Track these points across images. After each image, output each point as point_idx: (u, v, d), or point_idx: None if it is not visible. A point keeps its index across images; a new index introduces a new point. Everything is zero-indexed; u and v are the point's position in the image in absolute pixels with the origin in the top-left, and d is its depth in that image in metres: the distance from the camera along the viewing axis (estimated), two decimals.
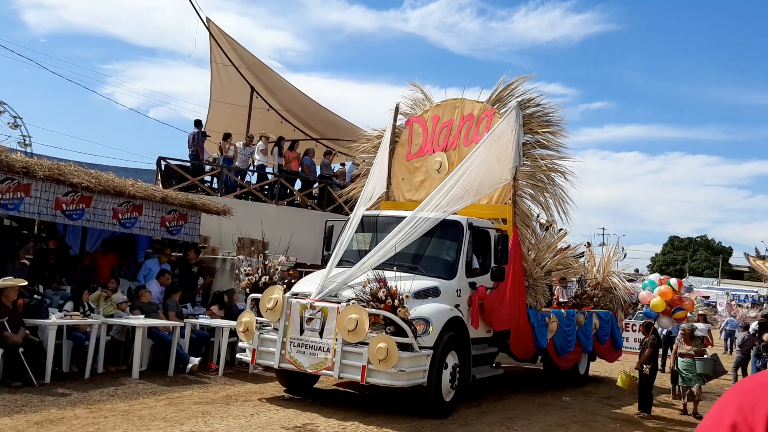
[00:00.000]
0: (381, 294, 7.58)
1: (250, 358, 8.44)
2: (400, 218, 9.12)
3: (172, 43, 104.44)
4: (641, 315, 14.99)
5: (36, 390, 7.75)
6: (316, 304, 8.01)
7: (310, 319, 8.00)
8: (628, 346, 16.30)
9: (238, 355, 8.75)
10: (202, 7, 17.28)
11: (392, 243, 8.62)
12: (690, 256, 78.16)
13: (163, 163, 15.52)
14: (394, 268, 7.86)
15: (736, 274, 70.27)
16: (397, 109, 11.12)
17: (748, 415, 1.08)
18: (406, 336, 7.59)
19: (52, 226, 11.76)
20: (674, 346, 10.39)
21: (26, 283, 8.57)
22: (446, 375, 8.21)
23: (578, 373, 12.37)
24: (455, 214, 9.27)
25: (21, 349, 7.94)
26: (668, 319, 11.53)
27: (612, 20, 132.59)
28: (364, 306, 7.67)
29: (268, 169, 17.21)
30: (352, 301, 7.80)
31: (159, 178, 15.31)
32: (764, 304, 28.64)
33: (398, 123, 11.14)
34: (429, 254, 9.18)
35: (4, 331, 7.93)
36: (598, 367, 14.40)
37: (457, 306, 8.65)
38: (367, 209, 9.93)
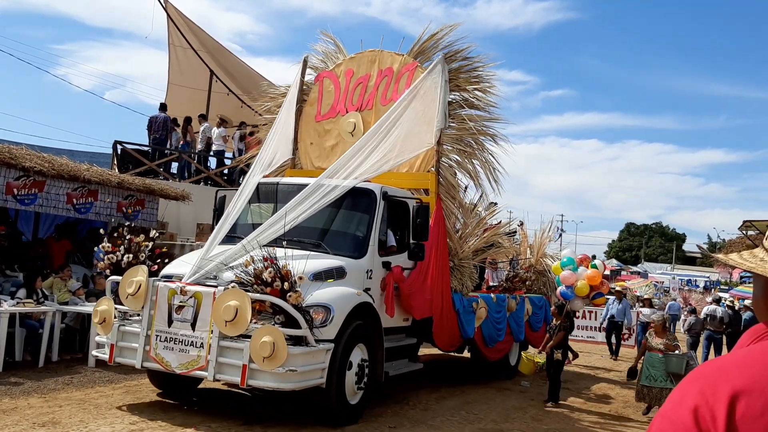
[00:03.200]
0: (267, 275, 6.05)
1: (107, 356, 6.77)
2: (304, 186, 7.61)
3: (128, 24, 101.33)
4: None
5: None
6: (188, 288, 6.41)
7: (180, 308, 6.40)
8: (573, 334, 15.35)
9: (93, 353, 7.06)
10: None
11: (291, 215, 7.11)
12: (645, 242, 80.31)
13: (119, 147, 15.15)
14: (284, 242, 6.34)
15: (689, 260, 72.50)
16: (305, 62, 9.54)
17: (709, 399, 1.09)
18: (299, 327, 6.11)
19: (3, 211, 11.12)
20: (643, 341, 9.24)
21: None
22: (351, 373, 6.79)
23: (508, 364, 11.18)
24: (368, 181, 7.82)
25: None
26: (582, 301, 10.55)
27: (573, 8, 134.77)
28: (247, 290, 6.14)
29: (228, 155, 16.69)
30: (232, 284, 6.24)
31: (115, 162, 14.87)
32: (712, 290, 28.79)
33: (307, 79, 9.58)
34: (335, 228, 7.71)
35: None
36: None
37: (367, 290, 7.22)
38: (265, 176, 8.36)
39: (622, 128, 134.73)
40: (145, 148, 15.39)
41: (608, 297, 13.38)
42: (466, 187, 9.55)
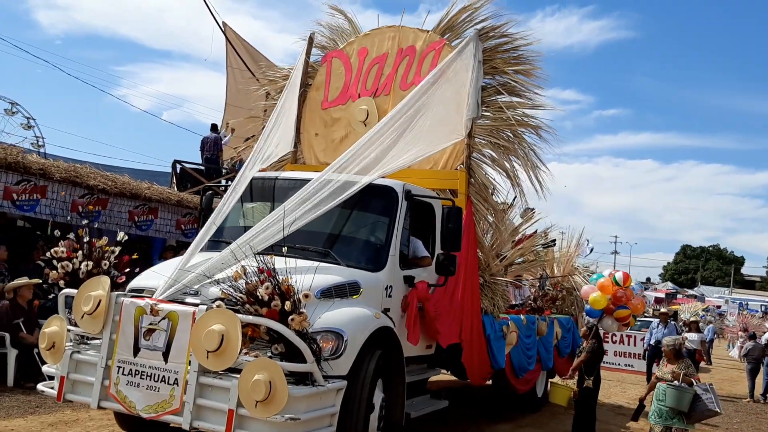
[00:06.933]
0: (263, 291, 4.62)
1: (56, 392, 5.29)
2: (308, 182, 6.19)
3: (186, 47, 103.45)
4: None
5: None
6: (160, 306, 4.95)
7: (150, 331, 4.94)
8: (609, 361, 14.06)
9: (39, 386, 5.56)
10: (216, 9, 17.72)
11: (291, 215, 5.70)
12: (702, 265, 78.59)
13: (178, 166, 15.43)
14: (284, 249, 4.90)
15: (748, 284, 71.08)
16: (310, 39, 8.15)
17: None
18: (304, 360, 4.66)
19: (66, 228, 10.60)
20: (655, 371, 7.77)
21: (40, 281, 8.30)
22: (374, 418, 5.37)
23: (535, 395, 9.75)
24: (385, 177, 6.40)
25: (36, 350, 7.55)
26: (612, 319, 9.15)
27: (628, 27, 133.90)
28: (237, 311, 4.69)
29: None
30: (218, 303, 4.79)
31: (174, 181, 15.14)
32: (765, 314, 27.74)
33: (313, 59, 8.19)
34: (347, 234, 6.28)
35: (19, 332, 7.99)
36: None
37: (386, 311, 5.80)
38: (261, 170, 6.94)
39: (678, 148, 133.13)
40: (202, 168, 15.63)
41: (647, 318, 11.98)
42: (493, 189, 8.14)
